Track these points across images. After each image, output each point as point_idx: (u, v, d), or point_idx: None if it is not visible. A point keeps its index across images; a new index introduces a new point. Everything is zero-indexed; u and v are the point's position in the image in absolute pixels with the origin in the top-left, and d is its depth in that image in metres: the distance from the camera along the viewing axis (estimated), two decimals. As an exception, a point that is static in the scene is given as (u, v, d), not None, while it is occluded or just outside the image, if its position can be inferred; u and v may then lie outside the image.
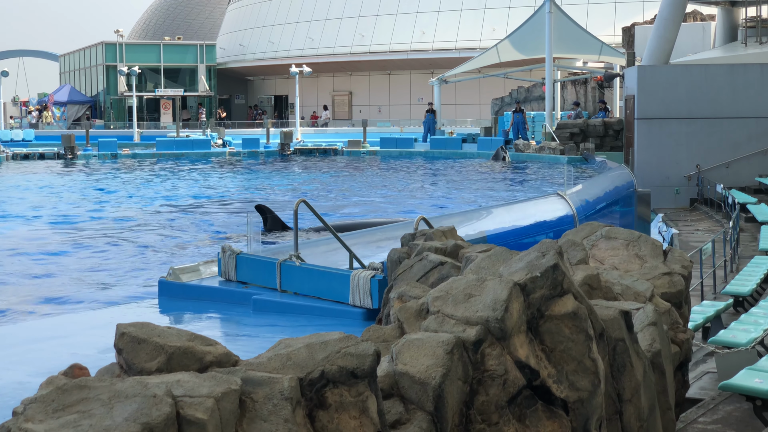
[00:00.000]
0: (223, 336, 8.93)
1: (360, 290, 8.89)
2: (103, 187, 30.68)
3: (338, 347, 3.86)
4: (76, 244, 18.34)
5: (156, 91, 67.94)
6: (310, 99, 67.52)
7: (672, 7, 26.62)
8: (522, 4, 56.01)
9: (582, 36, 42.34)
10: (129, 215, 22.99)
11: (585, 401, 4.57)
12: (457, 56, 54.79)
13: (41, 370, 6.57)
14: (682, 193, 25.53)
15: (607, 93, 43.71)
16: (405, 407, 4.17)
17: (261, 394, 3.58)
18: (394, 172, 36.02)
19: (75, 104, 68.10)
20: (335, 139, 49.49)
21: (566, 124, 37.06)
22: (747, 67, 25.75)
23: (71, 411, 3.14)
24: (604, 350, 4.98)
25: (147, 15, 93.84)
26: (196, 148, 44.08)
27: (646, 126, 25.86)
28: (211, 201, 26.46)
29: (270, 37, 68.12)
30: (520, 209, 16.23)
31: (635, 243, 6.90)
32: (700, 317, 10.29)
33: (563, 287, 4.71)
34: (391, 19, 61.99)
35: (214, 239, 18.67)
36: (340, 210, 23.38)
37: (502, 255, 5.24)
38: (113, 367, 3.80)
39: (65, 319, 11.36)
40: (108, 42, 68.73)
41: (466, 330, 4.41)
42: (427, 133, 45.93)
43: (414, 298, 5.34)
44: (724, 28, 31.29)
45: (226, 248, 10.38)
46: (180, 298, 10.16)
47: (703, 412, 7.59)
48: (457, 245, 6.79)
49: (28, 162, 41.33)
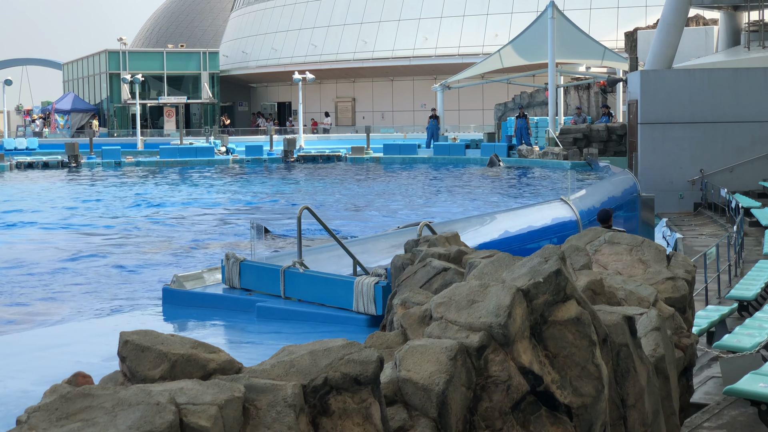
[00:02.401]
0: (226, 343, 8.94)
1: (364, 297, 8.89)
2: (106, 195, 30.71)
3: (341, 354, 3.86)
4: (79, 252, 18.35)
5: (159, 99, 67.95)
6: (313, 106, 67.54)
7: (674, 12, 26.62)
8: (524, 10, 56.00)
9: (585, 41, 42.33)
10: (133, 223, 23.01)
11: (589, 407, 4.56)
12: (460, 62, 54.77)
13: (45, 378, 6.58)
14: (686, 197, 25.50)
15: (610, 98, 43.68)
16: (408, 414, 4.16)
17: (264, 402, 3.58)
18: (396, 179, 36.02)
19: (78, 112, 68.15)
20: (338, 145, 49.52)
21: (569, 129, 37.05)
22: (750, 72, 25.74)
23: (75, 419, 3.14)
24: (608, 355, 4.98)
25: (150, 23, 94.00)
26: (200, 156, 44.15)
27: (649, 131, 25.84)
28: (215, 208, 26.48)
29: (273, 44, 68.16)
30: (524, 215, 16.23)
31: (639, 248, 6.89)
32: (705, 322, 10.27)
33: (566, 293, 4.71)
34: (394, 26, 62.02)
35: (217, 247, 18.67)
36: (345, 219, 23.37)
37: (505, 261, 5.24)
38: (117, 375, 3.80)
39: (69, 327, 11.37)
40: (111, 50, 68.80)
41: (470, 336, 4.41)
42: (431, 140, 45.98)
43: (417, 304, 5.34)
44: (727, 33, 31.29)
45: (229, 255, 10.39)
46: (184, 306, 10.17)
47: (707, 417, 7.58)
48: (460, 251, 6.80)
49: (32, 170, 41.39)
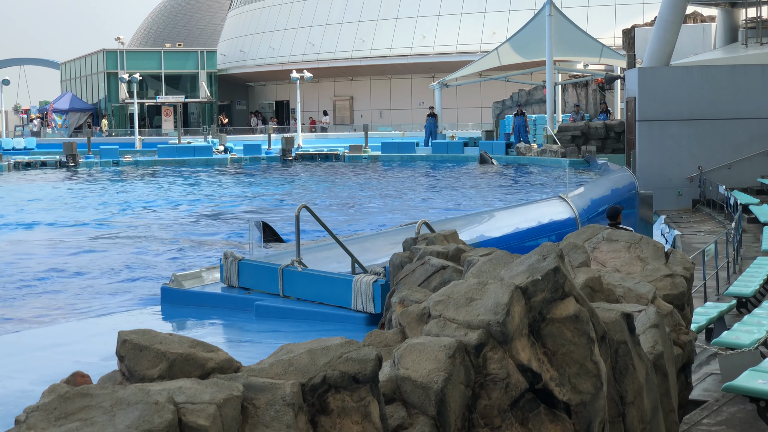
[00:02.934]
0: (225, 342, 8.94)
1: (362, 295, 8.89)
2: (104, 194, 30.70)
3: (340, 352, 3.86)
4: (77, 251, 18.34)
5: (157, 98, 67.94)
6: (312, 104, 67.54)
7: (672, 9, 26.62)
8: (522, 8, 55.99)
9: (582, 38, 42.35)
10: (131, 222, 23.00)
11: (587, 404, 4.56)
12: (458, 60, 54.79)
13: (43, 378, 6.58)
14: (684, 194, 25.50)
15: (608, 95, 43.70)
16: (407, 412, 4.16)
17: (263, 400, 3.58)
18: (394, 177, 36.02)
19: (76, 112, 68.12)
20: (337, 144, 49.54)
21: (568, 126, 37.06)
22: (748, 68, 25.74)
23: (73, 419, 3.14)
24: (607, 353, 4.98)
25: (148, 22, 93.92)
26: (198, 155, 44.15)
27: (647, 128, 25.85)
28: (213, 207, 26.46)
29: (270, 43, 68.14)
30: (522, 212, 16.23)
31: (637, 245, 6.90)
32: (703, 319, 10.28)
33: (564, 290, 4.71)
34: (392, 24, 62.00)
35: (216, 245, 18.66)
36: (347, 219, 23.37)
37: (503, 258, 5.24)
38: (115, 375, 3.80)
39: (67, 327, 11.37)
40: (109, 49, 68.77)
41: (468, 334, 4.41)
42: (429, 137, 46.04)
43: (416, 302, 5.34)
44: (725, 29, 31.29)
45: (228, 254, 10.39)
46: (182, 305, 10.17)
47: (706, 413, 7.59)
48: (459, 249, 6.80)
49: (30, 170, 41.37)
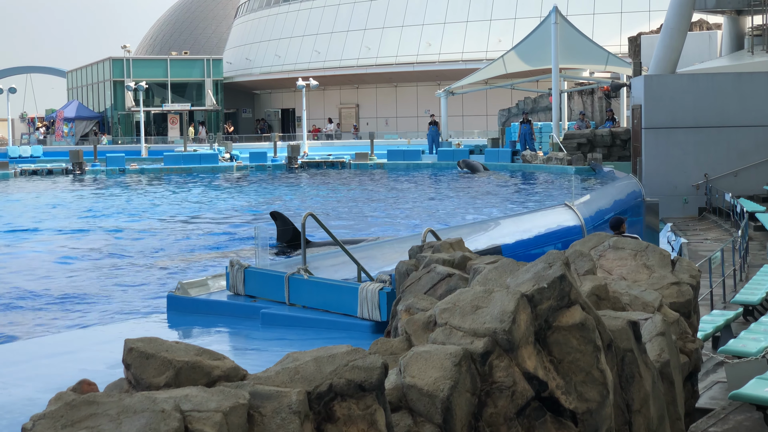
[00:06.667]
0: (231, 350, 8.94)
1: (368, 303, 8.89)
2: (110, 202, 30.74)
3: (346, 360, 3.86)
4: (83, 259, 18.37)
5: (163, 106, 68.07)
6: (317, 112, 67.60)
7: (678, 17, 26.62)
8: (528, 15, 56.04)
9: (588, 46, 42.34)
10: (137, 230, 23.03)
11: (594, 412, 4.56)
12: (464, 68, 54.83)
13: (50, 386, 6.58)
14: (691, 202, 25.46)
15: (614, 103, 43.67)
16: (413, 420, 4.16)
17: (269, 408, 3.59)
18: (400, 185, 36.03)
19: (83, 120, 68.28)
20: (342, 151, 49.55)
21: (573, 134, 37.05)
22: (754, 76, 25.72)
23: (80, 427, 3.14)
24: (613, 361, 4.97)
25: (154, 30, 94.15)
26: (204, 163, 44.22)
27: (653, 135, 25.83)
28: (219, 215, 26.49)
29: (276, 51, 68.25)
30: (528, 220, 16.22)
31: (643, 253, 6.89)
32: (710, 327, 10.26)
33: (570, 298, 4.71)
34: (397, 32, 62.06)
35: (222, 253, 18.68)
36: (353, 227, 23.37)
37: (509, 266, 5.24)
38: (121, 383, 3.81)
39: (74, 334, 11.38)
40: (115, 57, 68.97)
41: (474, 342, 4.41)
42: (432, 145, 46.11)
43: (421, 310, 5.34)
44: (731, 37, 31.26)
45: (234, 262, 10.39)
46: (188, 313, 10.17)
47: (713, 422, 7.56)
48: (464, 257, 6.80)
49: (37, 178, 41.45)
